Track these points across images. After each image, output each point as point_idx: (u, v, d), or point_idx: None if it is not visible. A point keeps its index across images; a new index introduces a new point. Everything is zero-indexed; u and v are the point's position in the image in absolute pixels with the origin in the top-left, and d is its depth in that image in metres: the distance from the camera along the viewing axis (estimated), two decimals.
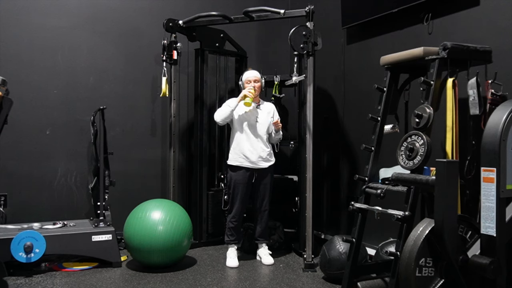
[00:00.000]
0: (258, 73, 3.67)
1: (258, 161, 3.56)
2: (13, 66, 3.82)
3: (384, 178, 2.70)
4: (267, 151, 3.60)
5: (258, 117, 3.61)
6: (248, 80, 3.61)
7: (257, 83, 3.60)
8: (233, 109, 3.54)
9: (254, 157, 3.55)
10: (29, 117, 3.89)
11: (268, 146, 3.63)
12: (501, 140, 2.08)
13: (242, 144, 3.56)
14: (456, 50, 2.43)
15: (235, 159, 3.59)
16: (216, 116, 3.59)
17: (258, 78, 3.64)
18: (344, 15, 3.87)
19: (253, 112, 3.59)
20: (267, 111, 3.66)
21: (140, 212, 3.38)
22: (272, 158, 3.66)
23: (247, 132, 3.57)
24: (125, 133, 4.25)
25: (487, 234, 2.11)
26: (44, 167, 3.95)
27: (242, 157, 3.56)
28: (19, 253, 3.13)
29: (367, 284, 2.68)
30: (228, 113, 3.54)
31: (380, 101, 2.84)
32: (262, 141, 3.59)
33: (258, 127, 3.59)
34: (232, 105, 3.55)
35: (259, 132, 3.58)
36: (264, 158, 3.58)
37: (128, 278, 3.22)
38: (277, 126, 3.61)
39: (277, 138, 3.72)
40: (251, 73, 3.65)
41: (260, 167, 3.58)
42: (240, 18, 3.90)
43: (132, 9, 4.29)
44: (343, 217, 4.01)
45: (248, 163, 3.55)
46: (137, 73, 4.31)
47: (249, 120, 3.58)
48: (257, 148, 3.56)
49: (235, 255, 3.60)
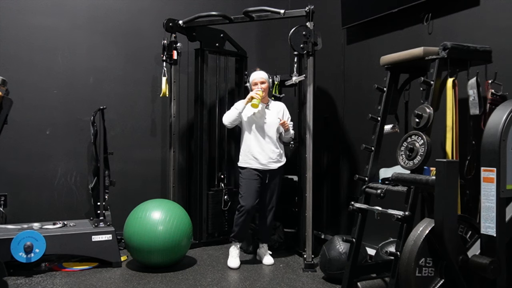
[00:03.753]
0: (265, 73, 3.62)
1: (268, 162, 3.53)
2: (13, 66, 3.82)
3: (384, 178, 2.70)
4: (277, 152, 3.56)
5: (267, 118, 3.56)
6: (255, 82, 3.57)
7: (263, 84, 3.54)
8: (240, 112, 3.53)
9: (264, 159, 3.52)
10: (29, 117, 3.89)
11: (278, 146, 3.58)
12: (501, 140, 2.08)
13: (252, 145, 3.53)
14: (456, 50, 2.43)
15: (245, 161, 3.57)
16: (224, 119, 3.59)
17: (265, 79, 3.58)
18: (344, 15, 3.87)
19: (261, 113, 3.56)
20: (276, 111, 3.61)
21: (140, 212, 3.38)
22: (283, 159, 3.62)
23: (256, 133, 3.54)
24: (125, 133, 4.25)
25: (487, 234, 2.11)
26: (44, 167, 3.95)
27: (252, 158, 3.53)
28: (19, 253, 3.13)
29: (367, 284, 2.68)
30: (236, 115, 3.53)
31: (380, 101, 2.84)
32: (272, 142, 3.55)
33: (266, 128, 3.55)
34: (239, 107, 3.53)
35: (268, 133, 3.55)
36: (274, 159, 3.55)
37: (128, 278, 3.22)
38: (284, 126, 3.55)
39: (288, 138, 3.65)
40: (257, 74, 3.61)
41: (270, 168, 3.54)
42: (240, 18, 3.90)
43: (132, 9, 4.29)
44: (343, 217, 4.01)
45: (258, 165, 3.52)
46: (137, 73, 4.31)
47: (258, 122, 3.55)
48: (266, 149, 3.53)
49: (237, 254, 3.54)
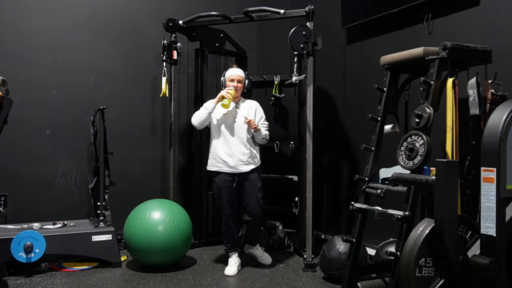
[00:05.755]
0: (243, 72, 3.45)
1: (238, 165, 3.30)
2: (13, 66, 3.82)
3: (384, 178, 2.70)
4: (247, 154, 3.31)
5: (237, 118, 3.33)
6: (232, 79, 3.34)
7: (240, 84, 3.35)
8: (210, 112, 3.31)
9: (232, 161, 3.30)
10: (29, 117, 3.89)
11: (249, 148, 3.33)
12: (501, 140, 2.08)
13: (219, 148, 3.32)
14: (456, 50, 2.43)
15: (213, 164, 3.37)
16: (193, 120, 3.37)
17: (242, 78, 3.38)
18: (344, 15, 3.87)
19: (231, 113, 3.33)
20: (248, 110, 3.38)
21: (140, 212, 3.38)
22: (255, 161, 3.37)
23: (225, 134, 3.32)
24: (125, 133, 4.25)
25: (487, 234, 2.11)
26: (44, 167, 3.95)
27: (220, 161, 3.33)
28: (19, 253, 3.13)
29: (367, 284, 2.68)
30: (205, 116, 3.31)
31: (380, 101, 2.84)
32: (242, 143, 3.31)
33: (236, 129, 3.31)
34: (209, 107, 3.31)
35: (238, 134, 3.31)
36: (244, 162, 3.31)
37: (128, 278, 3.22)
38: (250, 125, 3.26)
39: (260, 139, 3.39)
40: (234, 71, 3.39)
41: (240, 171, 3.32)
42: (240, 18, 3.90)
43: (132, 9, 4.29)
44: (343, 217, 4.01)
45: (227, 168, 3.31)
46: (137, 73, 4.31)
47: (227, 122, 3.33)
48: (235, 152, 3.29)
49: (234, 263, 3.40)
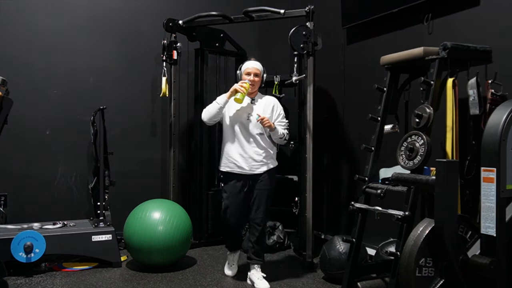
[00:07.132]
0: (261, 65, 3.15)
1: (252, 166, 3.05)
2: (13, 66, 3.82)
3: (384, 178, 2.70)
4: (262, 154, 3.07)
5: (252, 115, 3.06)
6: (248, 72, 3.07)
7: (257, 77, 3.07)
8: (222, 107, 3.04)
9: (246, 162, 3.05)
10: (29, 117, 3.89)
11: (263, 147, 3.08)
12: (501, 140, 2.08)
13: (232, 147, 3.08)
14: (456, 50, 2.43)
15: (225, 165, 3.13)
16: (204, 115, 3.12)
17: (260, 71, 3.11)
18: (344, 15, 3.87)
19: (245, 109, 3.07)
20: (264, 107, 3.11)
21: (140, 212, 3.38)
22: (270, 161, 3.12)
23: (238, 133, 3.06)
24: (125, 133, 4.25)
25: (487, 234, 2.11)
26: (44, 167, 3.95)
27: (232, 162, 3.08)
28: (19, 253, 3.13)
29: (367, 284, 2.68)
30: (216, 111, 3.05)
31: (380, 101, 2.84)
32: (256, 143, 3.06)
33: (250, 127, 3.06)
34: (221, 102, 3.04)
35: (252, 132, 3.05)
36: (259, 162, 3.06)
37: (128, 278, 3.22)
38: (263, 123, 2.98)
39: (277, 139, 3.10)
40: (252, 63, 3.11)
41: (254, 173, 3.07)
42: (240, 18, 3.90)
43: (132, 9, 4.29)
44: (343, 217, 4.01)
45: (240, 169, 3.07)
46: (137, 73, 4.31)
47: (240, 119, 3.07)
48: (249, 151, 3.05)
49: (234, 263, 3.32)
